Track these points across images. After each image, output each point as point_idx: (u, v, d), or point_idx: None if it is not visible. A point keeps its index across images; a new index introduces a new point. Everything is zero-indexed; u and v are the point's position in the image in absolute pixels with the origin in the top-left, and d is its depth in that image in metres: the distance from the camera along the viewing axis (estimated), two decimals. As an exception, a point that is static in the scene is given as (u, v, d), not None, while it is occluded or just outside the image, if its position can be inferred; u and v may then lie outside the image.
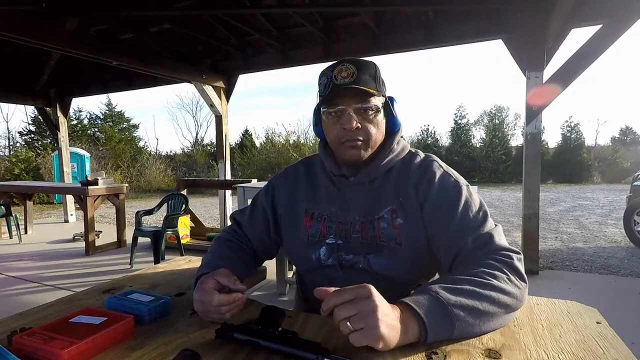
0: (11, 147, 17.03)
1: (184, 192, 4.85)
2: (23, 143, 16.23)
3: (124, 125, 19.30)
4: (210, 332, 0.63)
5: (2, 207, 5.16)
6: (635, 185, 5.03)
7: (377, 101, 0.82)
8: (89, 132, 18.03)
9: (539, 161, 3.47)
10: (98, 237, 4.91)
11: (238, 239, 0.95)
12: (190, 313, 0.74)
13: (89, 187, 4.38)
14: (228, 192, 5.08)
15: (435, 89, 41.53)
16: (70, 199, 6.76)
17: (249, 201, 1.02)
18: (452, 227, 0.76)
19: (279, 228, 0.96)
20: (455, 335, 0.59)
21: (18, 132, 20.22)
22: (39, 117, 8.11)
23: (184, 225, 4.58)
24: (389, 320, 0.55)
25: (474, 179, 15.02)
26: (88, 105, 57.70)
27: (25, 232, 5.63)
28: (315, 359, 0.53)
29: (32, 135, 16.43)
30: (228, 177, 5.39)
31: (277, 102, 40.86)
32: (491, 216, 0.78)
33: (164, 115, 47.88)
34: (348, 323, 0.53)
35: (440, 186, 0.80)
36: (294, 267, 1.03)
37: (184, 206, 4.07)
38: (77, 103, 20.63)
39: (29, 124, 16.66)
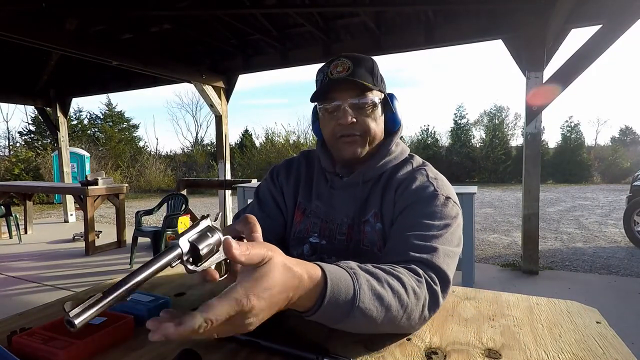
0: (11, 147, 17.05)
1: (184, 192, 4.85)
2: (23, 143, 16.25)
3: (124, 125, 19.32)
4: (210, 332, 0.63)
5: (2, 207, 5.16)
6: (635, 185, 5.03)
7: (375, 96, 0.79)
8: (89, 132, 18.07)
9: (539, 161, 3.47)
10: (98, 237, 4.90)
11: None
12: (190, 313, 0.74)
13: (89, 187, 4.38)
14: (228, 192, 5.09)
15: (435, 89, 41.62)
16: (70, 199, 6.77)
17: (249, 201, 0.98)
18: (405, 223, 0.72)
19: (287, 217, 0.91)
20: (334, 327, 0.53)
21: (18, 132, 20.20)
22: (39, 117, 8.10)
23: (183, 225, 4.57)
24: (266, 314, 0.43)
25: (474, 179, 15.02)
26: (88, 105, 57.77)
27: (25, 232, 5.63)
28: (315, 359, 0.53)
29: (32, 135, 16.45)
30: (228, 177, 5.39)
31: (277, 102, 40.97)
32: (456, 244, 0.71)
33: (164, 115, 48.14)
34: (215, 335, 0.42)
35: (416, 188, 0.77)
36: None
37: (183, 206, 4.07)
38: (77, 103, 20.69)
39: (29, 124, 16.71)
